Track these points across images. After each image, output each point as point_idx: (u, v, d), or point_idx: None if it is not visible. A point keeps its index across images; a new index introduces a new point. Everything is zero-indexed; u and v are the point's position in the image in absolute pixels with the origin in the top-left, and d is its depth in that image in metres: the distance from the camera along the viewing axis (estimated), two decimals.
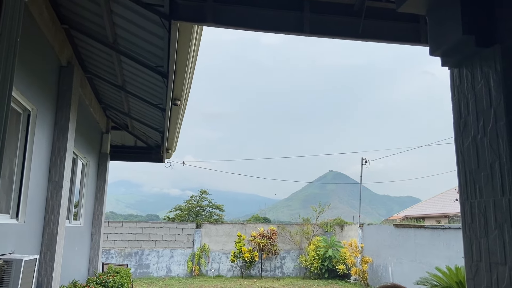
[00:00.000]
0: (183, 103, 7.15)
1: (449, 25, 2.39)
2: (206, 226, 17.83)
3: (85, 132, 8.41)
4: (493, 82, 2.22)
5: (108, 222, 16.79)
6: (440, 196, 29.86)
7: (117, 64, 6.80)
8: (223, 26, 4.05)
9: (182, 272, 16.89)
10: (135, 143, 12.65)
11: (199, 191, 27.47)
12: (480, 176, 2.29)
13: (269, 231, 17.49)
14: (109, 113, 10.50)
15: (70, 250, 7.68)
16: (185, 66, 5.47)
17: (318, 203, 18.75)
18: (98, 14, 5.46)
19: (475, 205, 2.32)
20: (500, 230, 2.11)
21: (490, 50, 2.25)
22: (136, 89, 7.75)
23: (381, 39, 4.18)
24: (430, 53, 2.64)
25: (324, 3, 4.09)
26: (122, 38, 5.94)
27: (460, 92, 2.50)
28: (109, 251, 16.50)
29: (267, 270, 17.41)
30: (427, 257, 11.71)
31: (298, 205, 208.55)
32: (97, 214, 10.27)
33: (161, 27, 4.90)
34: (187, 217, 25.50)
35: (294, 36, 4.60)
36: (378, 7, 4.06)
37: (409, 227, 13.12)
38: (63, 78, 6.18)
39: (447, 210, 23.52)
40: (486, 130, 2.25)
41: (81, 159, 8.70)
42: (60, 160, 5.99)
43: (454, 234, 10.73)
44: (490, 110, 2.23)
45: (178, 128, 9.20)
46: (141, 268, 16.64)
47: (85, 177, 9.23)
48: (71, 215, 8.18)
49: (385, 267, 14.15)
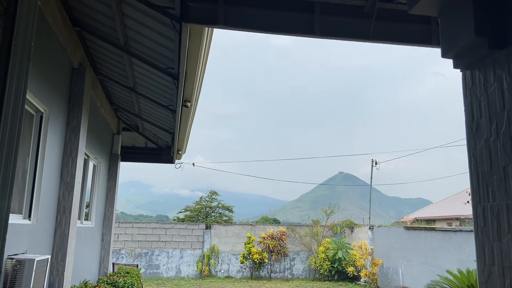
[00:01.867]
0: (193, 105, 7.19)
1: (461, 26, 2.37)
2: (215, 227, 17.87)
3: (96, 133, 8.48)
4: (506, 84, 2.19)
5: (118, 222, 16.91)
6: (451, 198, 29.52)
7: (128, 66, 6.86)
8: (234, 28, 4.06)
9: (191, 273, 16.94)
10: (145, 144, 12.73)
11: (208, 192, 27.54)
12: (493, 179, 2.27)
13: (278, 233, 17.46)
14: (120, 115, 10.59)
15: (81, 250, 7.74)
16: (196, 68, 5.50)
17: (327, 205, 18.67)
18: (110, 17, 5.51)
19: (487, 208, 2.30)
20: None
21: (503, 52, 2.23)
22: (146, 91, 7.80)
23: (392, 41, 4.16)
24: (442, 55, 2.62)
25: (334, 5, 4.08)
26: (133, 40, 5.99)
27: (473, 95, 2.47)
28: (120, 252, 16.62)
29: (276, 272, 17.38)
30: (438, 260, 11.59)
31: (307, 207, 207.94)
32: (107, 215, 10.35)
33: (172, 29, 4.93)
34: (196, 218, 25.58)
35: (304, 38, 4.60)
36: (389, 9, 4.04)
37: (420, 229, 12.99)
38: (75, 79, 6.25)
39: (458, 213, 23.23)
40: (499, 132, 2.23)
41: (92, 160, 8.78)
42: (72, 161, 6.06)
43: (466, 237, 10.60)
44: (503, 112, 2.20)
45: (188, 130, 9.24)
46: (151, 269, 16.72)
47: (96, 177, 9.31)
48: (82, 215, 8.26)
49: (395, 269, 14.03)
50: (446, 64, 3.73)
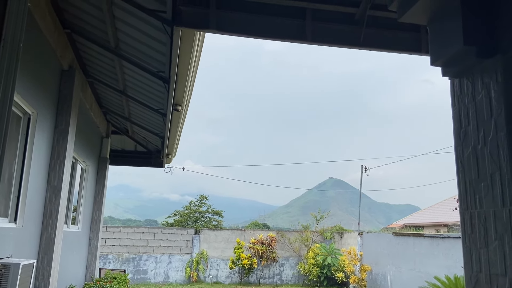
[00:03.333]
0: (184, 109, 7.16)
1: (450, 35, 2.40)
2: (205, 232, 17.77)
3: (85, 136, 8.40)
4: (494, 92, 2.22)
5: (106, 227, 16.73)
6: (439, 204, 29.80)
7: (119, 68, 6.82)
8: (225, 33, 4.07)
9: (180, 279, 16.80)
10: (135, 148, 12.64)
11: (198, 197, 27.42)
12: (480, 186, 2.29)
13: (268, 238, 17.43)
14: (109, 118, 10.51)
15: (67, 255, 7.64)
16: (187, 71, 5.49)
17: (317, 210, 18.71)
18: (101, 19, 5.48)
19: (475, 215, 2.32)
20: (501, 241, 2.10)
21: (491, 61, 2.26)
22: (137, 94, 7.76)
23: (382, 48, 4.20)
24: (431, 63, 2.65)
25: (326, 12, 4.11)
26: (124, 43, 5.96)
27: (461, 102, 2.50)
28: (107, 256, 16.43)
29: (265, 277, 17.32)
30: (426, 266, 11.66)
31: (297, 212, 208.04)
32: (95, 219, 10.23)
33: (163, 33, 4.92)
34: (186, 222, 25.42)
35: (296, 44, 4.63)
36: (380, 16, 4.08)
37: (408, 235, 13.07)
38: (64, 82, 6.19)
39: (446, 219, 23.45)
40: (487, 140, 2.25)
41: (80, 163, 8.69)
42: (59, 164, 5.99)
43: (453, 244, 10.69)
44: (490, 120, 2.23)
45: (178, 133, 9.20)
46: (139, 274, 16.55)
47: (84, 181, 9.20)
48: (69, 219, 8.16)
49: (384, 275, 14.08)
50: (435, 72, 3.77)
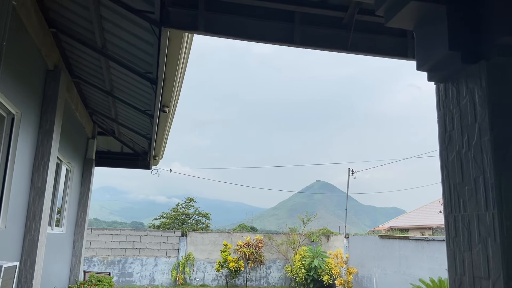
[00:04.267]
0: (171, 110, 7.12)
1: (436, 41, 2.44)
2: (191, 235, 17.67)
3: (70, 137, 8.29)
4: (478, 97, 2.26)
5: (91, 229, 16.52)
6: (424, 208, 30.17)
7: (105, 69, 6.75)
8: (214, 34, 4.06)
9: (166, 281, 16.66)
10: (121, 149, 12.52)
11: (185, 199, 27.27)
12: (464, 190, 2.32)
13: (255, 240, 17.40)
14: (95, 118, 10.39)
15: (51, 258, 7.52)
16: (175, 73, 5.46)
17: (305, 213, 18.76)
18: (87, 19, 5.42)
19: (459, 218, 2.35)
20: (484, 245, 2.13)
21: (476, 66, 2.29)
22: (124, 95, 7.69)
23: (369, 53, 4.24)
24: (416, 68, 2.68)
25: (314, 15, 4.13)
26: (111, 43, 5.91)
27: (446, 107, 2.53)
28: (92, 259, 16.21)
29: (252, 280, 17.28)
30: (411, 268, 11.78)
31: (285, 214, 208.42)
32: (80, 221, 10.09)
33: (151, 34, 4.89)
34: (172, 225, 25.25)
35: (284, 46, 4.64)
36: (367, 21, 4.12)
37: (394, 238, 13.19)
38: (49, 82, 6.10)
39: (431, 222, 23.75)
40: (471, 144, 2.28)
41: (65, 165, 8.57)
42: (43, 165, 5.89)
43: (438, 246, 10.83)
44: (474, 125, 2.27)
45: (166, 135, 9.14)
46: (124, 277, 16.36)
47: (68, 183, 9.08)
48: (53, 221, 8.03)
49: (370, 278, 14.18)
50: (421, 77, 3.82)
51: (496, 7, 2.27)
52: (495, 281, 2.03)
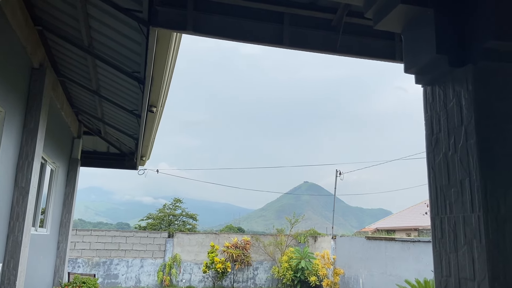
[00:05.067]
0: (159, 110, 7.06)
1: (423, 44, 2.46)
2: (178, 236, 17.56)
3: (55, 136, 8.17)
4: (464, 101, 2.28)
5: (76, 230, 16.31)
6: (410, 209, 30.50)
7: (92, 68, 6.67)
8: (202, 34, 4.03)
9: (152, 283, 16.52)
10: (107, 149, 12.38)
11: (172, 200, 27.10)
12: (450, 192, 2.34)
13: (242, 242, 17.38)
14: (81, 118, 10.26)
15: (35, 259, 7.39)
16: (163, 72, 5.41)
17: (292, 214, 18.80)
18: (74, 17, 5.35)
19: (445, 220, 2.37)
20: (469, 246, 2.15)
21: (462, 69, 2.32)
22: (110, 94, 7.61)
23: (357, 55, 4.26)
24: (404, 70, 2.70)
25: (303, 17, 4.14)
26: (98, 42, 5.84)
27: (433, 110, 2.56)
28: (76, 260, 15.99)
29: (239, 281, 17.25)
30: (397, 269, 11.89)
31: (272, 216, 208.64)
32: (64, 222, 9.95)
33: (139, 33, 4.84)
34: (159, 226, 25.08)
35: (273, 48, 4.64)
36: (356, 23, 4.14)
37: (380, 239, 13.30)
38: (34, 80, 5.99)
39: (417, 223, 24.03)
40: (457, 147, 2.31)
41: (50, 165, 8.44)
42: (27, 165, 5.79)
43: (424, 248, 10.95)
44: (461, 128, 2.29)
45: (153, 135, 9.07)
46: (109, 278, 16.17)
47: (53, 183, 8.94)
48: (37, 222, 7.90)
49: (356, 279, 14.27)
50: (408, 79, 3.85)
51: (483, 11, 2.30)
52: (480, 283, 2.05)
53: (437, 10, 2.38)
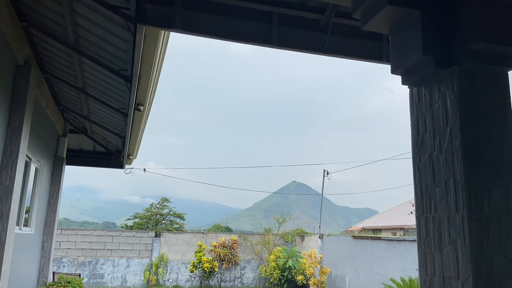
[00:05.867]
0: (146, 109, 7.00)
1: (410, 45, 2.48)
2: (165, 235, 17.46)
3: (40, 134, 8.04)
4: (449, 102, 2.31)
5: (61, 229, 16.10)
6: (396, 208, 30.84)
7: (78, 65, 6.58)
8: (191, 33, 4.01)
9: (138, 283, 16.40)
10: (94, 148, 12.24)
11: (160, 199, 26.91)
12: (435, 192, 2.37)
13: (230, 241, 17.36)
14: (67, 116, 10.12)
15: (19, 258, 7.28)
16: (150, 71, 5.37)
17: (280, 213, 18.84)
18: (60, 13, 5.27)
19: (430, 220, 2.40)
20: (454, 245, 2.18)
21: (448, 71, 2.35)
22: (97, 92, 7.52)
23: (345, 55, 4.29)
24: (391, 71, 2.73)
25: (292, 17, 4.14)
26: (84, 39, 5.76)
27: (419, 110, 2.59)
28: (61, 260, 15.78)
29: (226, 281, 17.22)
30: (382, 268, 12.01)
31: (260, 215, 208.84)
32: (49, 221, 9.80)
33: (126, 31, 4.79)
34: (146, 225, 24.88)
35: (262, 47, 4.64)
36: (344, 24, 4.17)
37: (367, 238, 13.42)
38: (19, 77, 5.89)
39: (403, 223, 24.30)
40: (442, 147, 2.34)
41: (34, 163, 8.31)
42: (11, 164, 5.68)
43: (409, 247, 11.08)
44: (446, 128, 2.32)
45: (140, 134, 8.99)
46: (95, 278, 16.01)
47: (38, 181, 8.80)
48: (22, 221, 7.77)
49: (343, 278, 14.37)
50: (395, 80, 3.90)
51: (468, 14, 2.34)
52: (464, 282, 2.08)
53: (423, 12, 2.41)
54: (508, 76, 2.42)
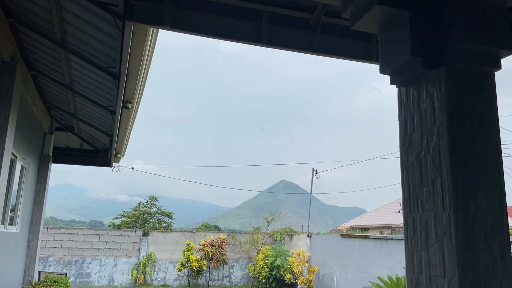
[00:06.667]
0: (134, 107, 6.94)
1: (399, 45, 2.50)
2: (153, 234, 17.35)
3: (26, 132, 7.92)
4: (437, 102, 2.33)
5: (47, 228, 15.88)
6: (384, 207, 31.12)
7: (65, 62, 6.49)
8: (180, 30, 3.98)
9: (125, 282, 16.27)
10: (81, 146, 12.09)
11: (148, 198, 26.71)
12: (422, 191, 2.39)
13: (218, 240, 17.32)
14: (53, 113, 9.98)
15: (4, 257, 7.17)
16: (138, 68, 5.32)
17: (269, 212, 18.86)
18: (47, 9, 5.19)
19: (417, 218, 2.42)
20: (440, 244, 2.20)
21: (436, 71, 2.37)
22: (84, 90, 7.43)
23: (334, 55, 4.30)
24: (380, 71, 2.74)
25: (282, 16, 4.14)
26: (72, 36, 5.68)
27: (407, 110, 2.60)
28: (47, 259, 15.58)
29: (215, 280, 17.19)
30: (370, 266, 12.10)
31: (249, 214, 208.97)
32: (35, 219, 9.67)
33: (114, 27, 4.73)
34: (134, 224, 24.67)
35: (252, 46, 4.64)
36: (334, 23, 4.18)
37: (354, 237, 13.51)
38: (4, 74, 5.79)
39: (390, 222, 24.53)
40: (430, 147, 2.36)
41: (20, 161, 8.18)
42: None
43: (396, 245, 11.18)
44: (433, 128, 2.34)
45: (128, 132, 8.90)
46: (82, 277, 15.84)
47: (23, 179, 8.67)
48: (7, 219, 7.65)
49: (331, 276, 14.45)
50: (383, 80, 3.89)
51: (456, 15, 2.36)
52: (450, 280, 2.10)
53: (412, 12, 2.43)
54: (495, 77, 2.44)
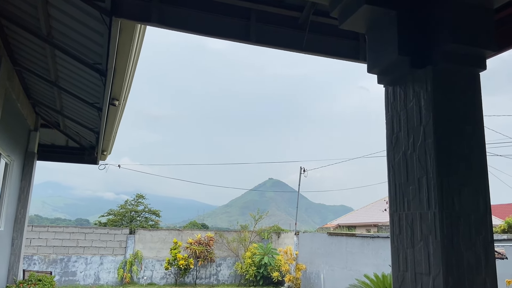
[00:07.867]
0: (121, 104, 6.87)
1: (386, 45, 2.52)
2: (140, 232, 17.22)
3: (10, 128, 7.78)
4: (423, 101, 2.36)
5: (32, 226, 15.65)
6: (370, 206, 31.42)
7: (51, 58, 6.39)
8: (168, 27, 3.94)
9: (112, 280, 16.13)
10: (66, 143, 11.93)
11: (135, 195, 26.49)
12: (408, 189, 2.42)
13: (206, 238, 17.29)
14: (38, 110, 9.82)
15: None
16: (126, 65, 5.26)
17: (256, 210, 18.88)
18: (32, 4, 5.09)
19: (403, 217, 2.44)
20: (425, 242, 2.23)
21: (422, 71, 2.39)
22: (70, 86, 7.32)
23: (323, 53, 4.31)
24: (367, 70, 2.76)
25: (270, 14, 4.13)
26: (58, 32, 5.59)
27: (393, 109, 2.63)
28: (32, 257, 15.36)
29: (202, 278, 17.16)
30: (357, 264, 12.21)
31: (237, 212, 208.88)
32: (19, 217, 9.51)
33: (101, 23, 4.67)
34: (120, 222, 24.45)
35: (241, 44, 4.62)
36: (322, 22, 4.19)
37: (341, 235, 13.61)
38: None
39: (377, 220, 24.78)
40: (416, 146, 2.38)
41: (4, 158, 8.04)
42: None
43: (383, 243, 11.30)
44: (420, 127, 2.37)
45: (115, 129, 8.81)
46: (67, 276, 15.65)
47: (8, 177, 8.52)
48: None
49: (318, 274, 14.54)
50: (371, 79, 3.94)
51: (444, 15, 2.39)
52: (435, 277, 2.13)
53: (400, 12, 2.45)
54: (480, 77, 2.48)
